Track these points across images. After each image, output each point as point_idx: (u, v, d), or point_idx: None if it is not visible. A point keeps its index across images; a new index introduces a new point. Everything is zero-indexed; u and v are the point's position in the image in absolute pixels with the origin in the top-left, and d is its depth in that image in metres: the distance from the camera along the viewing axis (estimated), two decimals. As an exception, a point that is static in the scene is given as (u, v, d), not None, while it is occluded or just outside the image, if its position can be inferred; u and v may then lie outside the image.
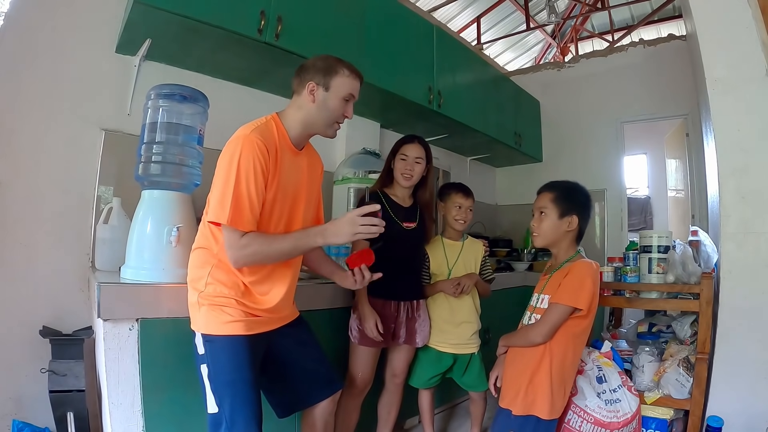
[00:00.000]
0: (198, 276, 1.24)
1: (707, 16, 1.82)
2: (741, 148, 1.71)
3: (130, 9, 1.62)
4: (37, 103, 1.73)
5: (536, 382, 1.39)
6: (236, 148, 1.17)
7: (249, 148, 1.16)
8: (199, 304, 1.21)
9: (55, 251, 1.74)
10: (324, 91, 1.26)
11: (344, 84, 1.28)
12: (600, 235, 3.82)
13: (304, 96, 1.28)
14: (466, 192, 1.98)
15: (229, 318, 1.19)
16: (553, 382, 1.38)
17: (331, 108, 1.28)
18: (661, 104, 3.59)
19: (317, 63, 1.29)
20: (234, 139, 1.21)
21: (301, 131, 1.30)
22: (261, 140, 1.19)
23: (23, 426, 1.52)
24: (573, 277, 1.41)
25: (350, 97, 1.31)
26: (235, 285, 1.23)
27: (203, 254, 1.26)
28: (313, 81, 1.26)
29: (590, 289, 1.38)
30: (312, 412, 1.43)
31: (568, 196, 1.47)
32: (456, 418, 2.46)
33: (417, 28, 2.69)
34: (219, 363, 1.18)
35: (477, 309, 1.99)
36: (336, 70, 1.27)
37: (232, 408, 1.17)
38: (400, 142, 1.83)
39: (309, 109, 1.28)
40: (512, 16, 6.74)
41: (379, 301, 1.73)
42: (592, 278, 1.40)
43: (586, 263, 1.44)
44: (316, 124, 1.30)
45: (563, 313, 1.38)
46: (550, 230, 1.47)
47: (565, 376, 1.41)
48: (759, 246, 1.65)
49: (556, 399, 1.39)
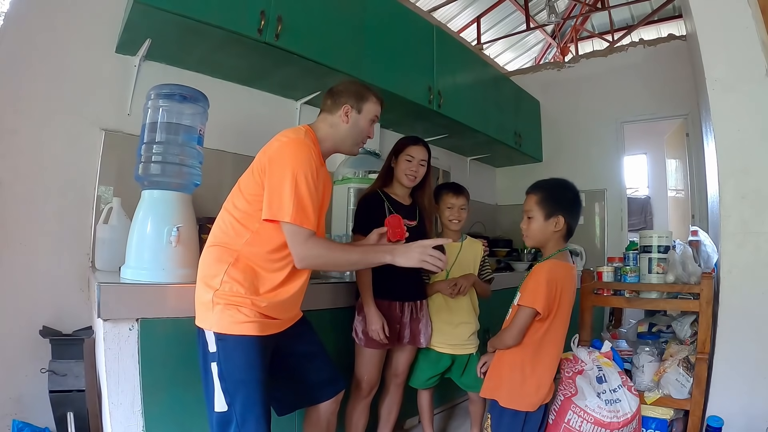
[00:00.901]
0: (212, 273, 1.23)
1: (707, 16, 1.82)
2: (741, 148, 1.70)
3: (130, 9, 1.62)
4: (37, 103, 1.73)
5: (499, 369, 1.47)
6: (294, 151, 1.24)
7: (306, 153, 1.25)
8: (214, 303, 1.20)
9: (55, 251, 1.74)
10: (357, 114, 1.41)
11: (372, 108, 1.44)
12: (600, 235, 3.82)
13: (338, 116, 1.40)
14: (456, 191, 1.97)
15: (244, 318, 1.20)
16: (514, 374, 1.42)
17: (360, 128, 1.43)
18: (661, 104, 3.59)
19: (350, 87, 1.44)
20: (290, 142, 1.27)
21: (330, 147, 1.42)
22: (313, 147, 1.29)
23: (23, 426, 1.52)
24: (530, 278, 1.43)
25: (375, 119, 1.47)
26: (252, 285, 1.23)
27: (220, 251, 1.26)
28: (348, 104, 1.40)
29: (544, 290, 1.36)
30: (315, 411, 1.44)
31: (552, 197, 1.46)
32: (455, 418, 2.46)
33: (417, 28, 2.69)
34: (232, 362, 1.19)
35: (475, 310, 1.98)
36: (367, 96, 1.43)
37: (244, 407, 1.18)
38: (405, 143, 1.82)
39: (342, 128, 1.40)
40: (512, 16, 6.75)
41: (385, 303, 1.73)
42: (546, 280, 1.38)
43: (545, 264, 1.43)
44: (345, 142, 1.43)
45: (527, 315, 1.39)
46: (538, 232, 1.47)
47: (526, 372, 1.41)
48: (759, 246, 1.65)
49: (518, 392, 1.41)
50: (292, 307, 1.37)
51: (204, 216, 1.76)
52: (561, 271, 1.43)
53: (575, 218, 1.49)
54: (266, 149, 1.29)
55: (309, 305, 1.54)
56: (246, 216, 1.26)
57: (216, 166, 2.07)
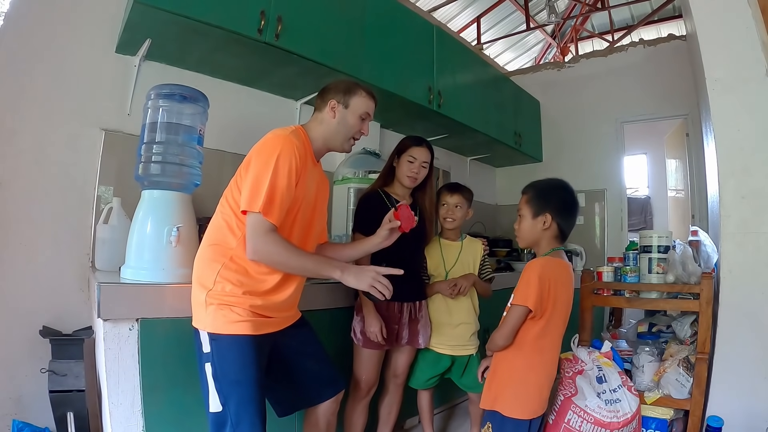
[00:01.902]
0: (206, 273, 1.24)
1: (707, 16, 1.82)
2: (741, 148, 1.70)
3: (130, 9, 1.62)
4: (37, 103, 1.73)
5: (498, 377, 1.41)
6: (276, 145, 1.24)
7: (289, 147, 1.25)
8: (207, 303, 1.20)
9: (55, 251, 1.74)
10: (343, 109, 1.39)
11: (361, 103, 1.41)
12: (600, 235, 3.82)
13: (325, 112, 1.40)
14: (452, 189, 1.95)
15: (237, 317, 1.20)
16: (513, 381, 1.37)
17: (349, 124, 1.40)
18: (661, 104, 3.59)
19: (339, 84, 1.42)
20: (273, 137, 1.28)
21: (322, 144, 1.41)
22: (298, 144, 1.28)
23: (23, 426, 1.52)
24: (523, 275, 1.39)
25: (366, 116, 1.43)
26: (245, 284, 1.23)
27: (215, 251, 1.26)
28: (335, 99, 1.39)
29: (536, 286, 1.32)
30: (315, 412, 1.44)
31: (540, 195, 1.45)
32: (455, 418, 2.46)
33: (417, 28, 2.69)
34: (225, 362, 1.19)
35: (476, 310, 1.98)
36: (355, 90, 1.40)
37: (238, 408, 1.18)
38: (408, 143, 1.80)
39: (330, 124, 1.39)
40: (512, 16, 6.75)
41: (383, 303, 1.72)
42: (538, 276, 1.33)
43: (537, 260, 1.40)
44: (335, 138, 1.41)
45: (519, 313, 1.35)
46: (528, 231, 1.45)
47: (528, 378, 1.37)
48: (759, 246, 1.65)
49: (519, 400, 1.36)
50: (289, 307, 1.36)
51: (204, 216, 1.75)
52: (554, 267, 1.38)
53: (565, 218, 1.44)
54: (253, 147, 1.30)
55: (308, 305, 1.54)
56: (236, 217, 1.26)
57: (216, 166, 2.07)
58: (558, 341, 1.43)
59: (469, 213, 1.99)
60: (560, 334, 1.42)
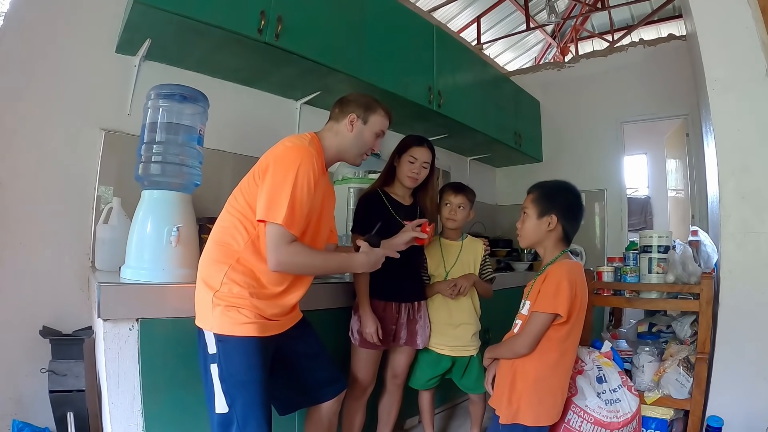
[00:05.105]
0: (213, 274, 1.23)
1: (707, 16, 1.82)
2: (741, 148, 1.71)
3: (130, 9, 1.62)
4: (37, 103, 1.73)
5: (519, 389, 1.35)
6: (297, 157, 1.24)
7: (309, 160, 1.25)
8: (214, 304, 1.20)
9: (55, 251, 1.74)
10: (362, 124, 1.41)
11: (379, 122, 1.44)
12: (600, 235, 3.82)
13: (343, 125, 1.41)
14: (456, 189, 1.94)
15: (245, 319, 1.20)
16: (538, 389, 1.34)
17: (365, 139, 1.43)
18: (661, 104, 3.59)
19: (359, 99, 1.44)
20: (294, 148, 1.27)
21: (334, 155, 1.42)
22: (316, 156, 1.29)
23: (23, 426, 1.52)
24: (549, 281, 1.36)
25: (381, 133, 1.47)
26: (252, 287, 1.23)
27: (221, 250, 1.26)
28: (355, 113, 1.41)
29: (566, 292, 1.30)
30: (317, 411, 1.44)
31: (547, 196, 1.44)
32: (456, 419, 2.46)
33: (417, 28, 2.69)
34: (232, 363, 1.19)
35: (476, 310, 1.97)
36: (375, 108, 1.44)
37: (245, 409, 1.18)
38: (409, 143, 1.79)
39: (346, 137, 1.41)
40: (512, 16, 6.75)
41: (381, 303, 1.72)
42: (568, 280, 1.32)
43: (562, 265, 1.38)
44: (349, 152, 1.43)
45: (544, 321, 1.33)
46: (531, 230, 1.44)
47: (553, 383, 1.36)
48: (759, 246, 1.65)
49: (545, 406, 1.34)
50: (293, 309, 1.37)
51: (204, 216, 1.76)
52: (578, 271, 1.39)
53: (571, 221, 1.43)
54: (270, 152, 1.29)
55: (308, 305, 1.54)
56: (247, 220, 1.26)
57: (216, 166, 2.07)
58: (577, 342, 1.43)
59: (471, 214, 1.98)
60: (580, 335, 1.42)
